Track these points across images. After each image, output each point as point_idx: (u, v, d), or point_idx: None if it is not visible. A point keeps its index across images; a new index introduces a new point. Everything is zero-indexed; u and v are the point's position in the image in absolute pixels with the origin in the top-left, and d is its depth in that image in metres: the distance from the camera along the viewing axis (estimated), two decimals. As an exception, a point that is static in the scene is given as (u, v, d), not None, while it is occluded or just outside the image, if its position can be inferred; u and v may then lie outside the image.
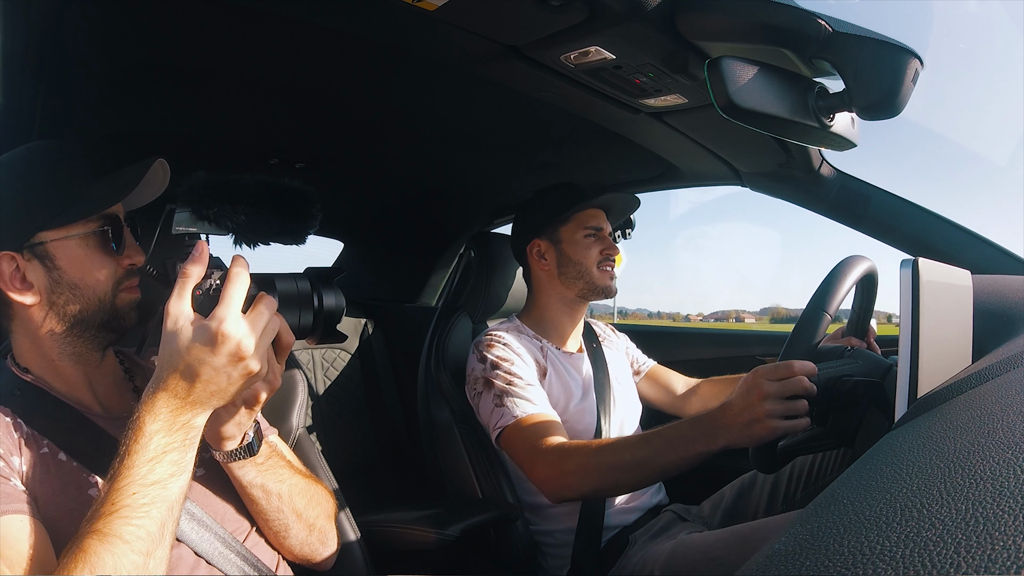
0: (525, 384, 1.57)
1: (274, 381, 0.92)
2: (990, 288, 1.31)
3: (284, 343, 0.90)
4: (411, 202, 2.94)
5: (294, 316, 0.93)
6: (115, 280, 1.00)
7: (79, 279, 0.97)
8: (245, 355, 0.81)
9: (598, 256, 1.78)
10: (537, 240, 1.83)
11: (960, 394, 0.70)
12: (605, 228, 1.82)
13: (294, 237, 0.98)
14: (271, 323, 0.85)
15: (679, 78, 1.36)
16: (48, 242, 0.95)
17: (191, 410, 0.81)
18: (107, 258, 0.99)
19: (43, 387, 0.98)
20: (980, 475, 0.40)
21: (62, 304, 0.96)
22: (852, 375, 1.21)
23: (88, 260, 0.97)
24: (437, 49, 1.36)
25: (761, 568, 0.41)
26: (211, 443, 0.99)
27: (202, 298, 0.83)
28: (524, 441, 1.49)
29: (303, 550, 1.13)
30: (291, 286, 0.94)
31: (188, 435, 0.81)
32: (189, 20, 1.24)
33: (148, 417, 0.78)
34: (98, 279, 0.98)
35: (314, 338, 0.98)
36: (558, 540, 1.64)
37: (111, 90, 1.50)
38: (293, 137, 2.02)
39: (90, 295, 0.97)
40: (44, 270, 0.95)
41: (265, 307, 0.84)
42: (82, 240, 0.97)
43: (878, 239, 1.82)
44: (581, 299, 1.81)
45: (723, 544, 1.35)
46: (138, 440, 0.77)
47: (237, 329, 0.80)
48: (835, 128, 1.14)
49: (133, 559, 0.73)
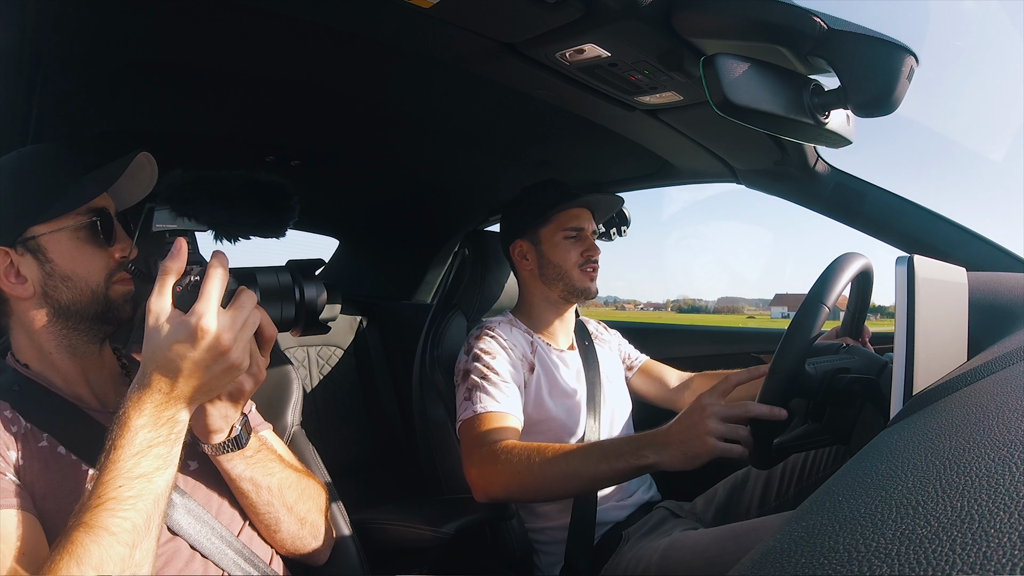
0: (499, 380, 1.57)
1: (258, 374, 0.93)
2: (985, 285, 1.32)
3: (267, 336, 0.91)
4: (406, 199, 2.94)
5: (276, 309, 0.94)
6: (107, 272, 1.01)
7: (71, 271, 0.98)
8: (226, 349, 0.82)
9: (578, 258, 1.76)
10: (519, 241, 1.83)
11: (955, 391, 0.70)
12: (587, 228, 1.80)
13: (273, 230, 0.98)
14: (251, 317, 0.86)
15: (674, 75, 1.36)
16: (40, 236, 0.97)
17: (175, 405, 0.82)
18: (98, 250, 1.01)
19: (42, 382, 0.99)
20: (976, 472, 0.40)
21: (56, 296, 0.98)
22: (848, 369, 1.22)
23: (79, 252, 0.99)
24: (432, 46, 1.36)
25: (756, 566, 0.41)
26: (199, 436, 0.99)
27: (182, 294, 0.84)
28: (471, 436, 1.51)
29: (295, 544, 1.13)
30: (272, 279, 0.95)
31: (173, 430, 0.82)
32: (184, 18, 1.24)
33: (134, 412, 0.79)
34: (89, 270, 0.99)
35: (297, 330, 0.99)
36: (551, 537, 1.64)
37: (107, 88, 1.50)
38: (289, 134, 2.02)
39: (82, 286, 0.99)
40: (37, 264, 0.97)
41: (245, 301, 0.86)
42: (72, 233, 0.99)
43: (873, 236, 1.82)
44: (563, 300, 1.81)
45: (717, 543, 1.35)
46: (124, 435, 0.78)
47: (216, 323, 0.81)
48: (830, 125, 1.14)
49: (119, 551, 0.74)
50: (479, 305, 1.98)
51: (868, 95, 1.05)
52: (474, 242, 1.99)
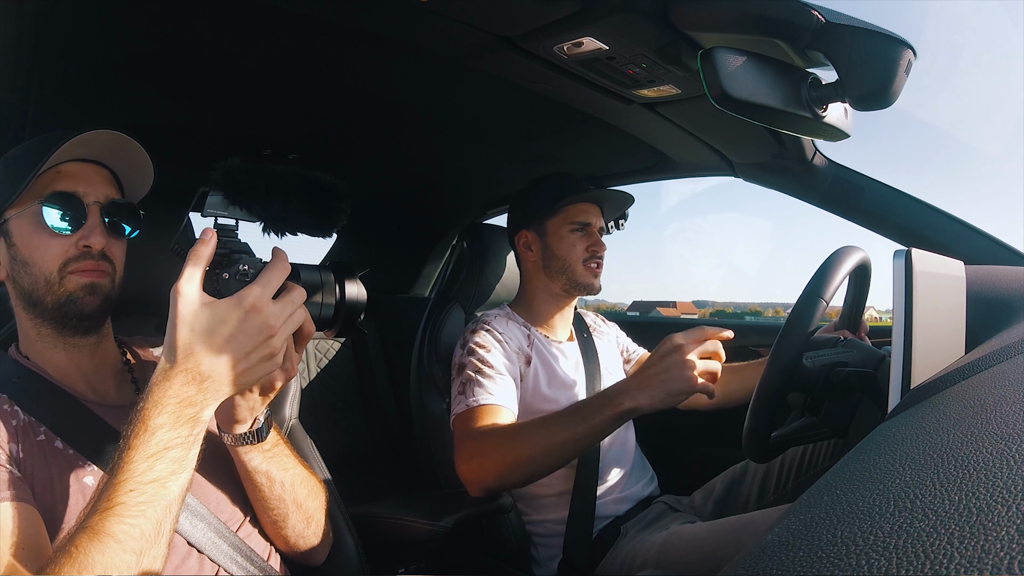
0: (494, 374, 1.57)
1: (291, 370, 0.91)
2: (983, 279, 1.32)
3: (305, 333, 0.90)
4: (404, 193, 2.94)
5: (315, 307, 0.94)
6: (63, 259, 0.97)
7: (28, 255, 0.97)
8: (272, 332, 0.81)
9: (583, 252, 1.76)
10: (524, 231, 1.82)
11: (953, 385, 0.70)
12: (595, 223, 1.79)
13: (322, 230, 0.99)
14: (298, 313, 0.85)
15: (672, 69, 1.36)
16: (9, 219, 0.97)
17: (203, 398, 0.78)
18: (55, 237, 0.97)
19: (41, 373, 0.99)
20: (973, 466, 0.41)
21: (20, 282, 0.98)
22: (847, 362, 1.22)
23: (35, 236, 0.97)
24: (429, 40, 1.36)
25: (754, 559, 0.41)
26: (222, 426, 0.99)
27: (229, 281, 0.83)
28: (463, 430, 1.51)
29: (298, 541, 1.13)
30: (315, 277, 0.95)
31: (193, 430, 0.78)
32: (181, 12, 1.23)
33: (153, 409, 0.76)
34: (44, 256, 0.97)
35: (333, 330, 0.98)
36: (549, 531, 1.64)
37: (104, 82, 1.49)
38: (286, 128, 2.01)
39: (37, 273, 0.97)
40: (5, 247, 0.98)
41: (296, 296, 0.85)
42: (32, 216, 0.96)
43: (871, 229, 1.83)
44: (565, 294, 1.81)
45: (714, 536, 1.35)
46: (139, 434, 0.75)
47: (268, 306, 0.81)
48: (828, 119, 1.14)
49: (125, 559, 0.71)
50: (477, 298, 1.98)
51: (866, 88, 1.05)
52: (472, 235, 1.98)
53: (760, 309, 5.92)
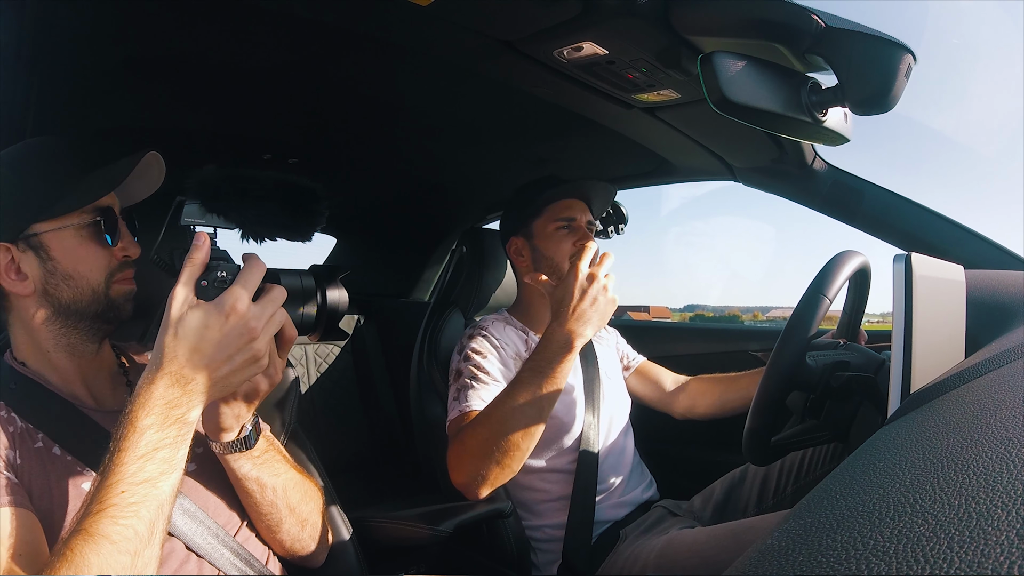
0: (489, 380, 1.57)
1: (275, 375, 0.93)
2: (983, 283, 1.32)
3: (287, 336, 0.91)
4: (404, 197, 2.94)
5: (297, 311, 0.94)
6: (108, 271, 1.01)
7: (72, 269, 0.98)
8: (253, 334, 0.81)
9: (571, 249, 1.73)
10: (514, 238, 1.82)
11: (953, 389, 0.70)
12: (580, 218, 1.76)
13: (301, 233, 0.99)
14: (279, 313, 0.85)
15: (672, 73, 1.36)
16: (42, 233, 0.97)
17: (188, 400, 0.79)
18: (101, 249, 1.00)
19: (39, 381, 0.99)
20: (973, 470, 0.40)
21: (56, 295, 0.98)
22: (849, 363, 1.22)
23: (82, 251, 0.99)
24: (430, 44, 1.36)
25: (753, 564, 0.41)
26: (209, 434, 0.99)
27: (207, 288, 0.83)
28: (455, 436, 1.51)
29: (294, 545, 1.13)
30: (296, 281, 0.95)
31: (181, 431, 0.79)
32: (181, 14, 1.24)
33: (141, 411, 0.76)
34: (91, 269, 0.99)
35: (316, 334, 0.99)
36: (549, 535, 1.64)
37: (104, 85, 1.50)
38: (286, 132, 2.01)
39: (83, 285, 0.99)
40: (38, 261, 0.97)
41: (276, 296, 0.85)
42: (76, 231, 0.98)
43: (871, 234, 1.82)
44: None
45: (714, 541, 1.35)
46: (129, 436, 0.76)
47: (249, 309, 0.81)
48: (828, 123, 1.14)
49: (120, 559, 0.72)
50: (476, 303, 1.97)
51: (866, 93, 1.05)
52: (472, 240, 1.98)
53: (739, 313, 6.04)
